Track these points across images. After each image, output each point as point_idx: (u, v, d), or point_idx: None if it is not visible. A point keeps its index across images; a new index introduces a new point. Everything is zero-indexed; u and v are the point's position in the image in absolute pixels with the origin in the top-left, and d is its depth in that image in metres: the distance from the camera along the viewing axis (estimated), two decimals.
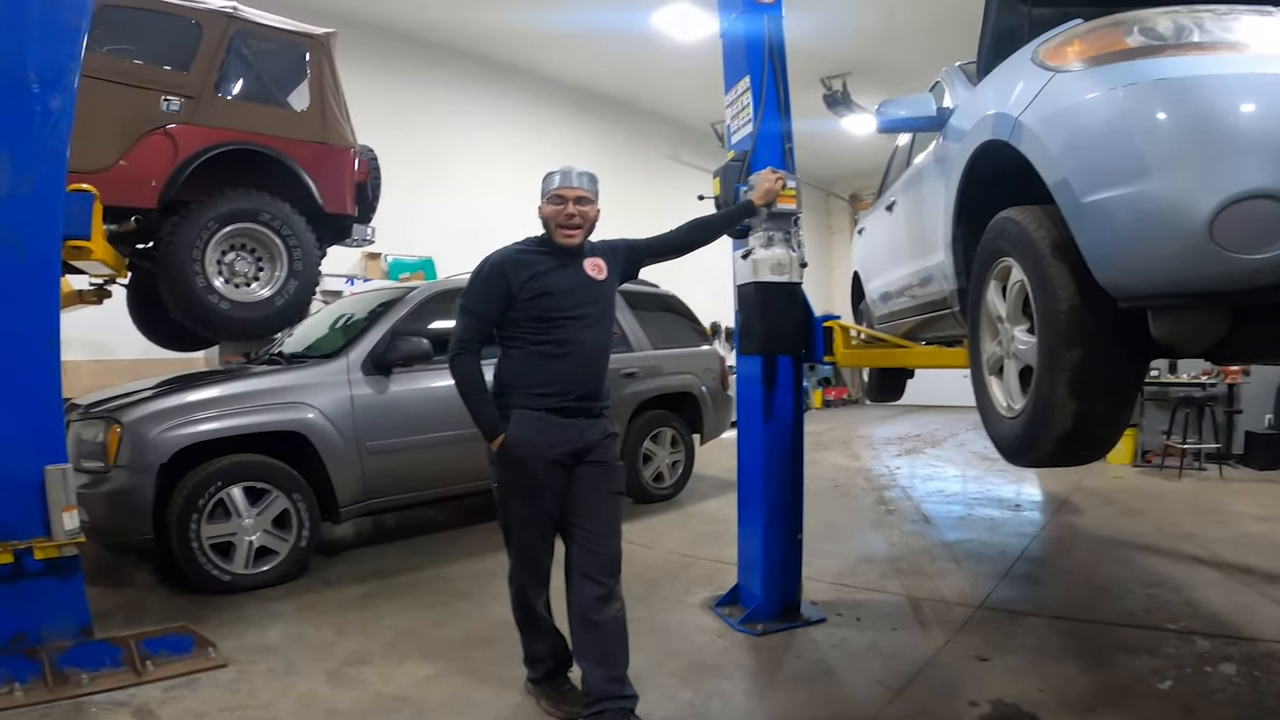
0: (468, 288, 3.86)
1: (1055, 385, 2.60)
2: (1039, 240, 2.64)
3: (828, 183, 23.60)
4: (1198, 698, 3.83)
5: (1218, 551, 6.33)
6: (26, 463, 4.16)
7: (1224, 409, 10.72)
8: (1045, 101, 2.66)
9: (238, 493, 5.66)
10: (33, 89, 4.18)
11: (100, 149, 5.90)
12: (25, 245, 4.20)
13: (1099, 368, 2.55)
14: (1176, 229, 2.13)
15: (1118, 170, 2.30)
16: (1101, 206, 2.33)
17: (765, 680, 4.31)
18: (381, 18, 12.80)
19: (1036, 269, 2.66)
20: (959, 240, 3.71)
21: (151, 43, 6.46)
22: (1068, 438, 2.65)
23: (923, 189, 4.54)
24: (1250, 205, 2.00)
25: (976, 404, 3.39)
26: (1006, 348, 3.06)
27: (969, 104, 3.68)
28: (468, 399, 3.74)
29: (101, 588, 5.63)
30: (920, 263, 4.59)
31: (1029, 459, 2.96)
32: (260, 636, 4.93)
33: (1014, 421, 2.97)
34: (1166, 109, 2.23)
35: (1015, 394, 3.01)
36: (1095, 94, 2.45)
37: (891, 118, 4.27)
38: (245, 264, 6.66)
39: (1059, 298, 2.56)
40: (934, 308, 4.55)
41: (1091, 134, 2.44)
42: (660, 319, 9.03)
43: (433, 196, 13.55)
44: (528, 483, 3.73)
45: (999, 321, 3.14)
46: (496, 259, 3.85)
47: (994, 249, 3.05)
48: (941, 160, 4.05)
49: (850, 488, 9.80)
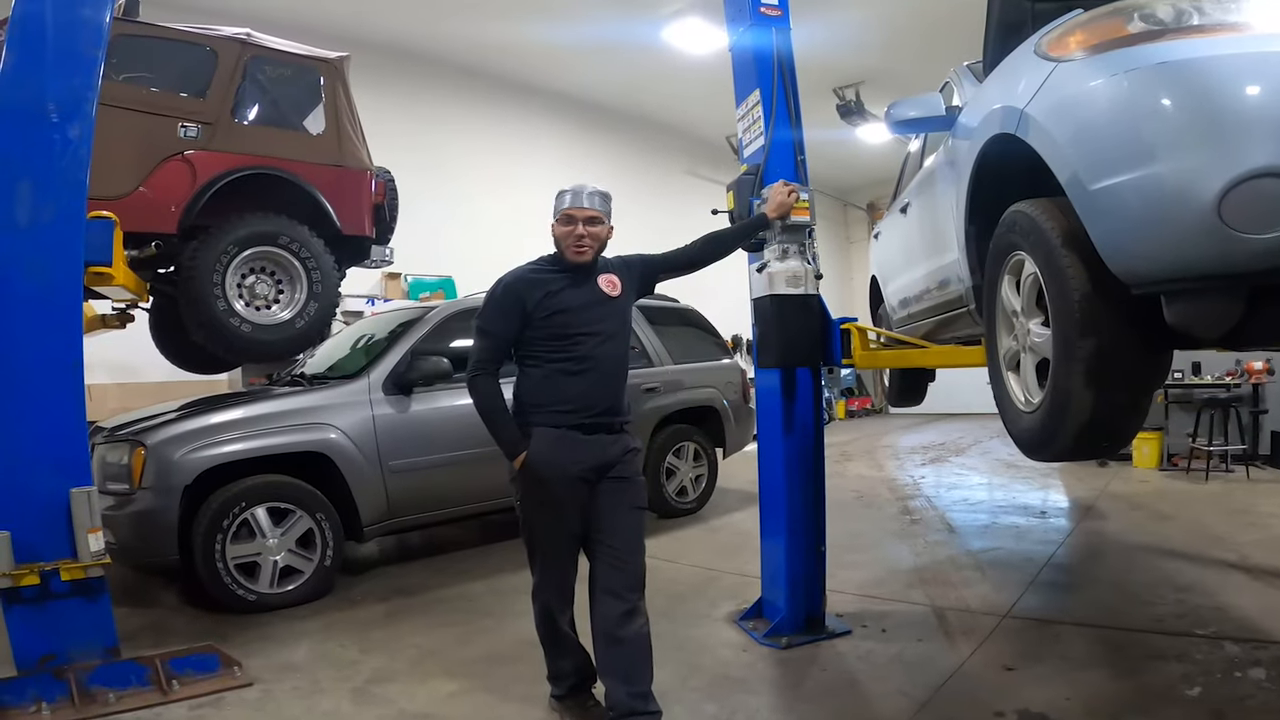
0: (483, 309, 3.88)
1: (1072, 376, 2.58)
2: (1050, 231, 2.64)
3: (845, 192, 23.56)
4: (1228, 704, 3.78)
5: (1247, 554, 6.27)
6: (52, 485, 4.20)
7: (1249, 409, 10.60)
8: (1049, 92, 2.67)
9: (262, 513, 5.69)
10: (51, 119, 4.24)
11: (119, 176, 5.95)
12: (48, 272, 4.25)
13: (1115, 356, 2.53)
14: (1185, 211, 2.11)
15: (1124, 156, 2.29)
16: (1110, 193, 2.32)
17: (791, 694, 4.28)
18: (397, 40, 12.93)
19: (1048, 260, 2.65)
20: (972, 238, 3.71)
21: (168, 70, 6.51)
22: (1086, 429, 2.63)
23: (935, 189, 4.55)
24: (1257, 184, 1.98)
25: (995, 401, 3.38)
26: (1022, 342, 3.05)
27: (976, 100, 3.69)
28: (488, 418, 3.76)
29: (128, 608, 5.68)
30: (935, 261, 4.60)
31: (1049, 453, 2.94)
32: (285, 655, 4.95)
33: (1032, 416, 2.96)
34: (1169, 92, 2.23)
35: (1033, 388, 3.00)
36: (1098, 81, 2.45)
37: (901, 118, 4.26)
38: (265, 287, 6.70)
39: (1072, 287, 2.54)
40: (950, 307, 4.55)
41: (1096, 121, 2.44)
42: (680, 333, 9.03)
43: (452, 216, 13.63)
44: (550, 500, 3.74)
45: (1014, 316, 3.13)
46: (509, 279, 3.87)
47: (1006, 243, 3.04)
48: (951, 158, 4.06)
49: (874, 498, 9.76)
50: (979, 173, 3.42)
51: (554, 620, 3.93)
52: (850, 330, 4.98)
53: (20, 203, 4.18)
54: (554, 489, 3.72)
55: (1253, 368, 10.51)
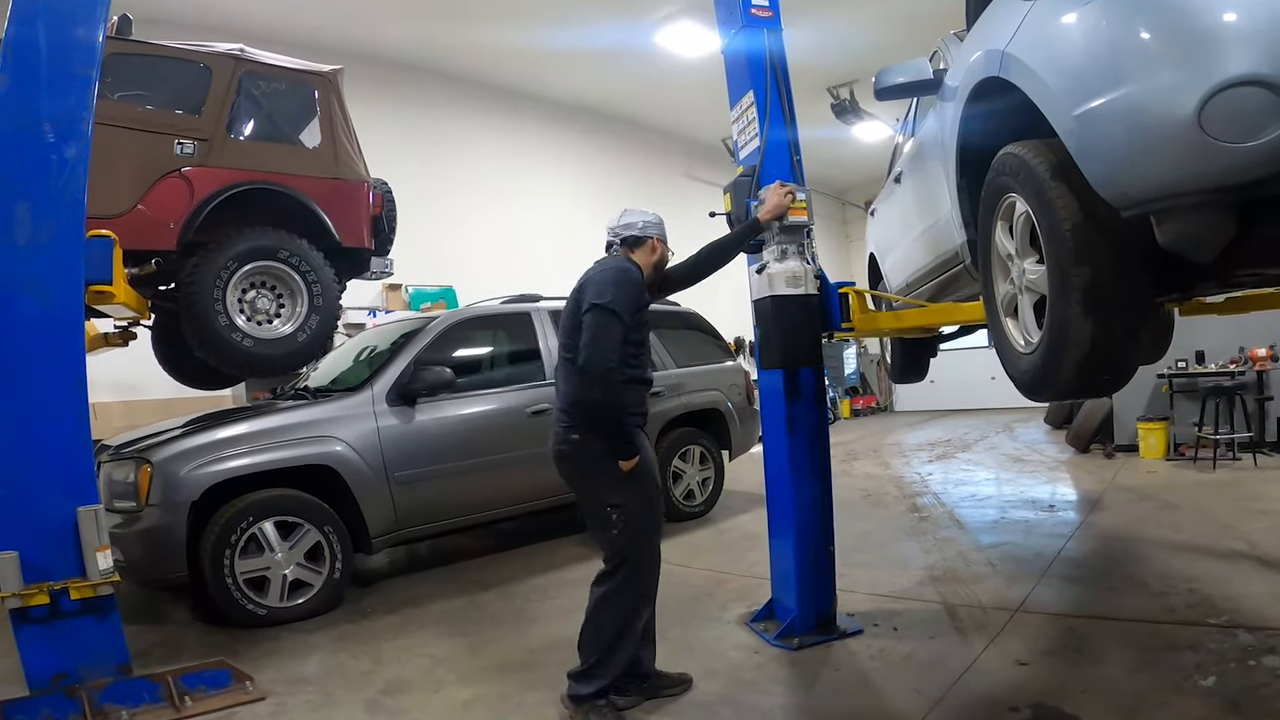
0: (616, 288, 3.92)
1: (1069, 307, 2.59)
2: (1038, 167, 2.66)
3: (843, 191, 23.59)
4: (1243, 693, 3.76)
5: (1257, 541, 6.25)
6: (59, 505, 4.20)
7: (1254, 397, 10.58)
8: (1028, 29, 2.72)
9: (269, 527, 5.68)
10: (48, 139, 4.25)
11: (117, 194, 5.94)
12: (49, 291, 4.25)
13: (1111, 284, 2.53)
14: (1167, 126, 2.10)
15: (1103, 78, 2.30)
16: (1092, 116, 2.33)
17: (804, 695, 4.27)
18: (392, 52, 12.99)
19: (1038, 194, 2.67)
20: (964, 190, 3.76)
21: (162, 88, 6.51)
22: (1086, 361, 2.63)
23: (925, 150, 4.61)
24: (1236, 93, 1.96)
25: (995, 349, 3.40)
26: (1019, 283, 3.07)
27: (960, 55, 3.77)
28: (618, 419, 3.88)
29: (139, 625, 5.68)
30: (930, 219, 4.65)
31: (1051, 390, 2.95)
32: (298, 668, 4.94)
33: (1032, 356, 2.97)
34: (1141, 10, 2.23)
35: (1031, 328, 3.02)
36: (1072, 11, 2.47)
37: (889, 84, 4.34)
38: (266, 301, 6.69)
39: (1062, 217, 2.56)
40: (947, 266, 4.58)
41: (1073, 49, 2.47)
42: (683, 337, 9.03)
43: (451, 226, 13.68)
44: (656, 497, 4.02)
45: (1009, 260, 3.14)
46: (638, 273, 4.09)
47: (997, 186, 3.07)
48: (940, 116, 4.11)
49: (882, 496, 9.75)
50: (966, 122, 3.48)
51: (644, 614, 4.10)
52: (848, 294, 5.00)
53: (19, 223, 4.18)
54: (656, 486, 4.02)
55: (1256, 355, 10.51)
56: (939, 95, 4.19)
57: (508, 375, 7.47)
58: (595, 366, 3.74)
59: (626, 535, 3.94)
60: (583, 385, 3.81)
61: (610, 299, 3.82)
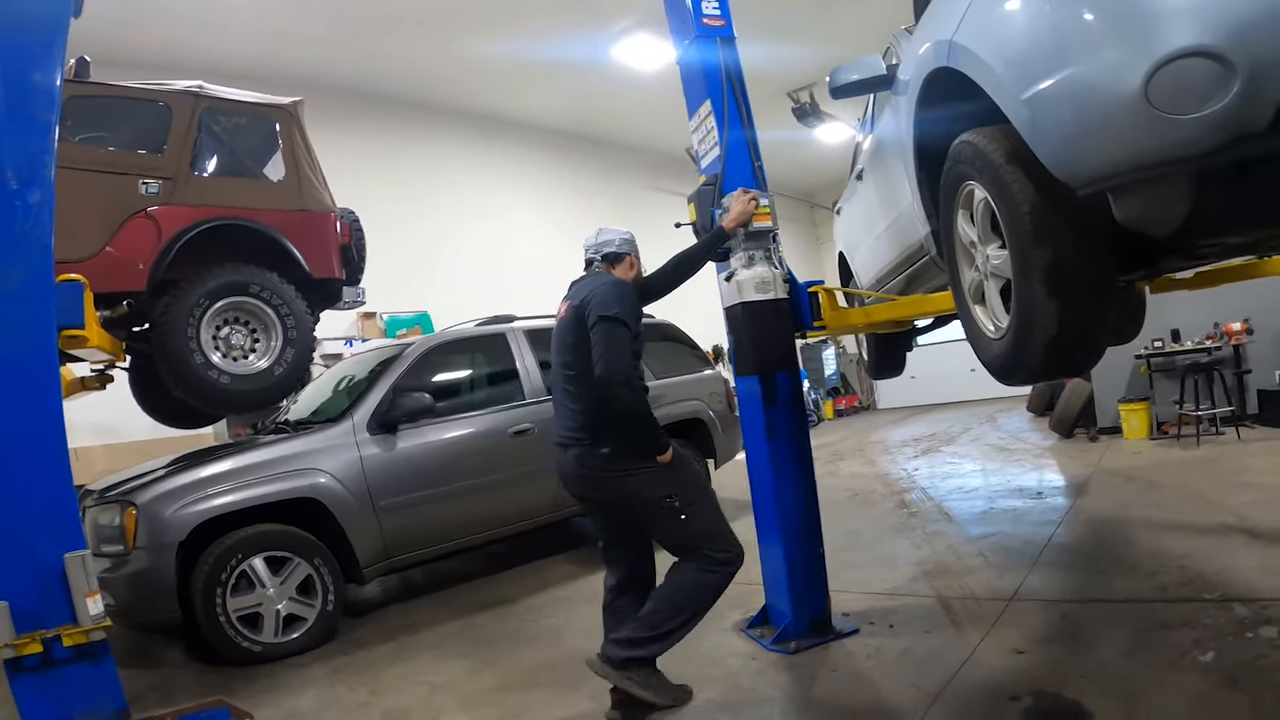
0: (617, 301, 4.03)
1: (1033, 289, 2.60)
2: (993, 153, 2.67)
3: (810, 194, 23.62)
4: (1241, 666, 3.77)
5: (1245, 514, 6.28)
6: (45, 552, 4.13)
7: (1233, 371, 10.67)
8: (973, 17, 2.73)
9: (259, 563, 5.64)
10: (11, 186, 4.19)
11: (84, 238, 5.89)
12: (21, 339, 4.20)
13: (1073, 264, 2.55)
14: (1115, 103, 2.11)
15: (1048, 60, 2.31)
16: (1041, 99, 2.34)
17: (803, 698, 4.27)
18: (351, 80, 12.99)
19: (995, 179, 2.69)
20: (924, 183, 3.81)
21: (124, 128, 6.46)
22: (1055, 342, 2.64)
23: (884, 146, 4.67)
24: (1181, 65, 1.96)
25: (966, 336, 3.41)
26: (984, 269, 3.08)
27: (910, 48, 3.79)
28: (648, 420, 4.04)
29: (134, 669, 5.64)
30: (893, 213, 4.68)
31: (1022, 374, 2.96)
32: (295, 702, 4.92)
33: (1002, 340, 2.99)
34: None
35: (999, 313, 3.03)
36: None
37: (842, 82, 4.38)
38: (240, 337, 6.65)
39: (1020, 201, 2.57)
40: (913, 259, 4.62)
41: (1018, 33, 2.49)
42: (659, 348, 8.99)
43: (423, 251, 13.69)
44: (704, 478, 4.12)
45: (972, 247, 3.16)
46: (631, 286, 4.23)
47: (956, 175, 3.08)
48: (895, 111, 4.13)
49: (869, 495, 9.76)
50: (920, 114, 3.51)
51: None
52: (818, 293, 5.01)
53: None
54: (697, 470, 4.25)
55: (1231, 329, 10.57)
56: (893, 90, 4.20)
57: (487, 397, 7.44)
58: (617, 374, 3.85)
59: (698, 515, 4.06)
60: (608, 393, 3.89)
61: (618, 310, 3.95)
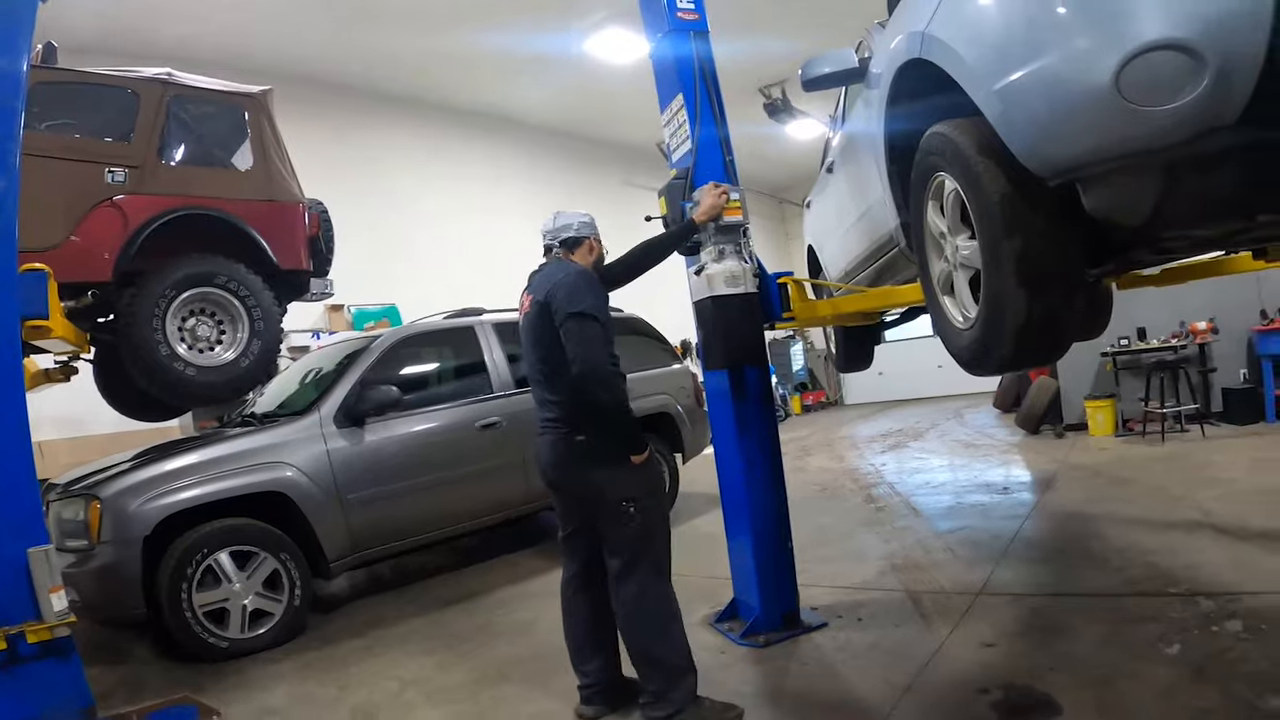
0: (585, 293, 3.92)
1: (1003, 279, 2.61)
2: (964, 144, 2.68)
3: (780, 189, 23.64)
4: (1208, 659, 3.82)
5: (1210, 510, 6.35)
6: (8, 547, 4.07)
7: (1198, 369, 10.78)
8: (947, 10, 2.73)
9: (225, 558, 5.59)
10: None
11: (49, 227, 5.80)
12: None
13: (1042, 253, 2.56)
14: (1085, 94, 2.12)
15: (1020, 51, 2.32)
16: (1012, 90, 2.35)
17: (774, 691, 4.27)
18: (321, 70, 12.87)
19: (965, 170, 2.69)
20: (894, 176, 3.81)
21: (90, 116, 6.38)
22: (1023, 332, 2.65)
23: (855, 138, 4.66)
24: (1151, 58, 1.98)
25: (935, 329, 3.42)
26: (953, 260, 3.09)
27: (883, 40, 3.78)
28: (625, 415, 3.95)
29: (100, 666, 5.56)
30: (863, 205, 4.68)
31: (991, 363, 2.96)
32: (264, 699, 4.87)
33: (971, 331, 3.00)
34: None
35: (968, 303, 3.04)
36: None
37: (814, 75, 4.36)
38: (207, 328, 6.57)
39: (990, 191, 2.58)
40: (883, 250, 4.62)
41: (991, 24, 2.50)
42: (627, 342, 8.93)
43: (390, 243, 13.58)
44: (664, 484, 4.11)
45: (942, 238, 3.17)
46: (591, 272, 4.12)
47: (926, 166, 3.09)
48: (868, 102, 4.12)
49: (838, 490, 9.78)
50: (893, 106, 3.51)
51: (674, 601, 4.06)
52: (787, 284, 5.02)
53: None
54: (662, 475, 4.20)
55: (1197, 329, 10.69)
56: (865, 83, 4.19)
57: (455, 390, 7.42)
58: (595, 372, 3.77)
59: (643, 527, 3.92)
60: (587, 391, 3.81)
61: (588, 305, 3.85)
